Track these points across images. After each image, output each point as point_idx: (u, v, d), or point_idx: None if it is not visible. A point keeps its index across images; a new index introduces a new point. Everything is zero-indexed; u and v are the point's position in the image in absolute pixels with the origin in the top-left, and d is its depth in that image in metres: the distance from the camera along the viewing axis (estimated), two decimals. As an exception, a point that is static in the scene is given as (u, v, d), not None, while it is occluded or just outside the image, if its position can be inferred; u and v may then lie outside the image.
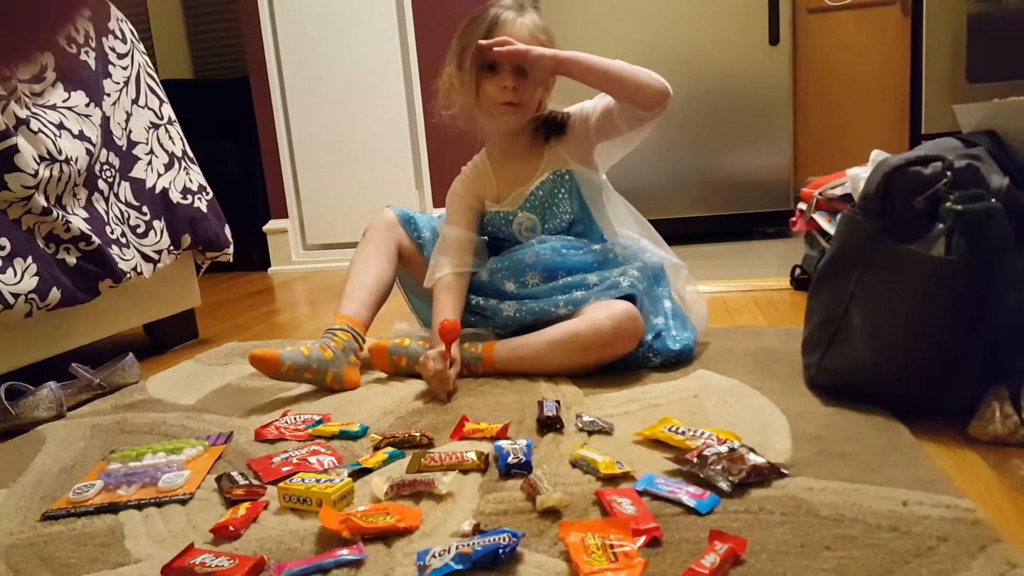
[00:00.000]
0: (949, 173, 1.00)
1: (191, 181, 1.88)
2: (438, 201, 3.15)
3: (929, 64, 2.77)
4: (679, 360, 1.38)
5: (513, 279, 1.46)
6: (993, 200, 0.97)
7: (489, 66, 1.39)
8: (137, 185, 1.73)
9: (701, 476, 0.89)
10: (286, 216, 3.37)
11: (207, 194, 1.92)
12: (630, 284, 1.36)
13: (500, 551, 0.75)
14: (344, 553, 0.79)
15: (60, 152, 1.45)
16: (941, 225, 1.00)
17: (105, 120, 1.63)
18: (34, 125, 1.41)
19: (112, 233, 1.61)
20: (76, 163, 1.50)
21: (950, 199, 0.98)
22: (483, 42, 1.34)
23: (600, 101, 1.45)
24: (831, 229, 1.77)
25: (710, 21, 2.81)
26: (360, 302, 1.48)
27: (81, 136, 1.53)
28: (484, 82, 1.40)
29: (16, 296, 1.37)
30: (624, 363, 1.35)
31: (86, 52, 1.62)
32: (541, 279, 1.44)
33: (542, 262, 1.43)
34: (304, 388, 1.42)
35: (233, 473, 1.01)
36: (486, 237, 1.57)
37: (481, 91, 1.41)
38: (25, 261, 1.40)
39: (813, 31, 2.96)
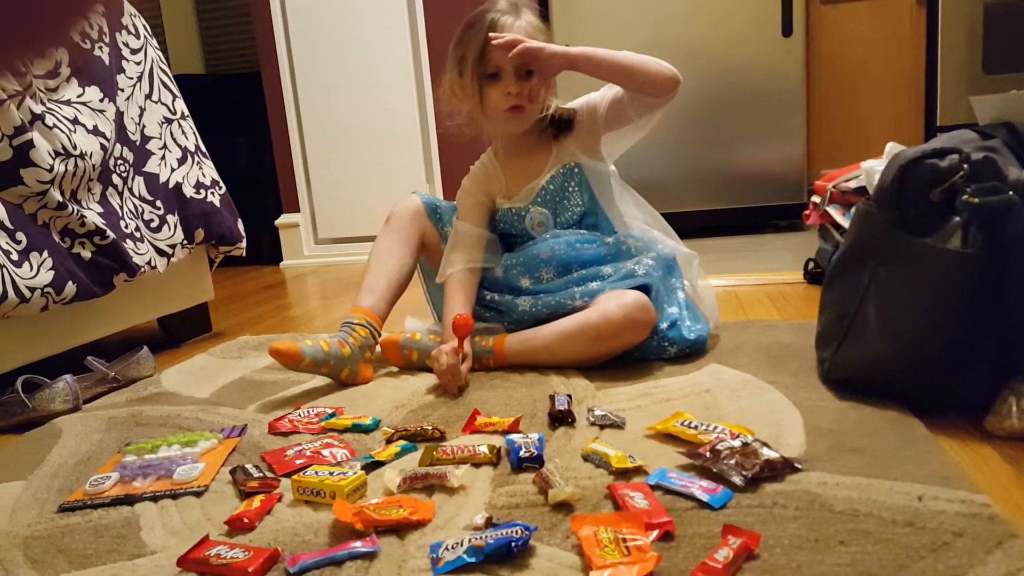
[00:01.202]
0: (966, 166, 0.99)
1: (204, 176, 1.89)
2: (448, 195, 3.14)
3: (944, 55, 2.75)
4: (693, 351, 1.38)
5: (528, 275, 1.46)
6: (1011, 193, 0.96)
7: (491, 74, 1.38)
8: (151, 180, 1.74)
9: (714, 470, 0.89)
10: (298, 210, 3.38)
11: (220, 188, 1.93)
12: (645, 273, 1.36)
13: (512, 544, 0.75)
14: (358, 545, 0.79)
15: (75, 147, 1.46)
16: (957, 218, 0.99)
17: (119, 115, 1.64)
18: (49, 120, 1.42)
19: (126, 227, 1.62)
20: (91, 158, 1.51)
21: (967, 192, 0.97)
22: (495, 41, 1.33)
23: (608, 91, 1.45)
24: (845, 222, 1.76)
25: (723, 13, 2.79)
26: (379, 295, 1.48)
27: (95, 131, 1.54)
28: (487, 90, 1.39)
29: (32, 290, 1.38)
30: (639, 353, 1.35)
31: (100, 47, 1.63)
32: (556, 274, 1.44)
33: (557, 257, 1.43)
34: (317, 382, 1.43)
35: (247, 466, 1.02)
36: (497, 235, 1.57)
37: (485, 99, 1.40)
38: (41, 255, 1.41)
39: (827, 23, 2.94)
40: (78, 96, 1.54)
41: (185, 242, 1.82)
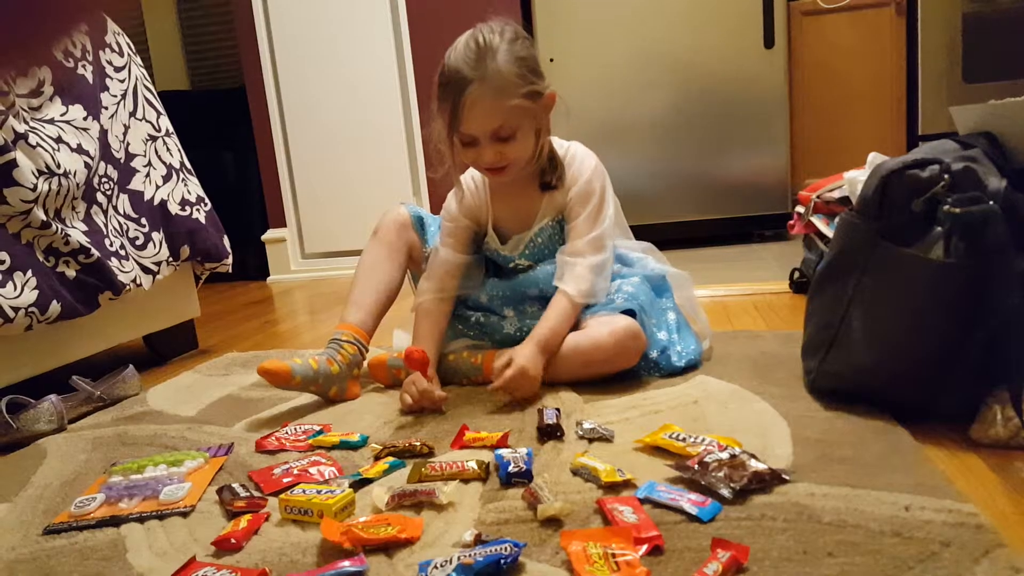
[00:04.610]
0: (947, 176, 1.01)
1: (189, 192, 1.88)
2: (435, 209, 3.14)
3: (925, 65, 2.78)
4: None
5: (512, 306, 1.45)
6: (991, 203, 0.97)
7: (468, 142, 1.31)
8: (135, 197, 1.74)
9: (702, 483, 0.89)
10: (284, 225, 3.37)
11: (205, 205, 1.92)
12: (624, 300, 1.34)
13: (502, 561, 0.75)
14: (346, 564, 0.78)
15: (59, 166, 1.45)
16: (939, 228, 1.00)
17: (103, 133, 1.63)
18: (32, 139, 1.41)
19: (111, 245, 1.61)
20: (75, 176, 1.50)
21: (948, 202, 0.98)
22: (492, 388, 1.26)
23: (577, 216, 1.39)
24: (829, 232, 1.77)
25: (705, 25, 2.81)
26: (366, 311, 1.46)
27: (79, 149, 1.53)
28: (465, 151, 1.33)
29: (16, 310, 1.37)
30: (628, 375, 1.34)
31: (83, 66, 1.62)
32: (540, 306, 1.40)
33: (543, 293, 1.41)
34: (304, 399, 1.42)
35: (234, 485, 1.01)
36: (482, 254, 1.53)
37: (464, 158, 1.34)
38: (25, 275, 1.40)
39: (808, 34, 2.97)
40: (61, 115, 1.53)
41: (170, 259, 1.81)
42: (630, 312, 1.32)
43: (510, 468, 0.96)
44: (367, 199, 3.21)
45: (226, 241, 1.97)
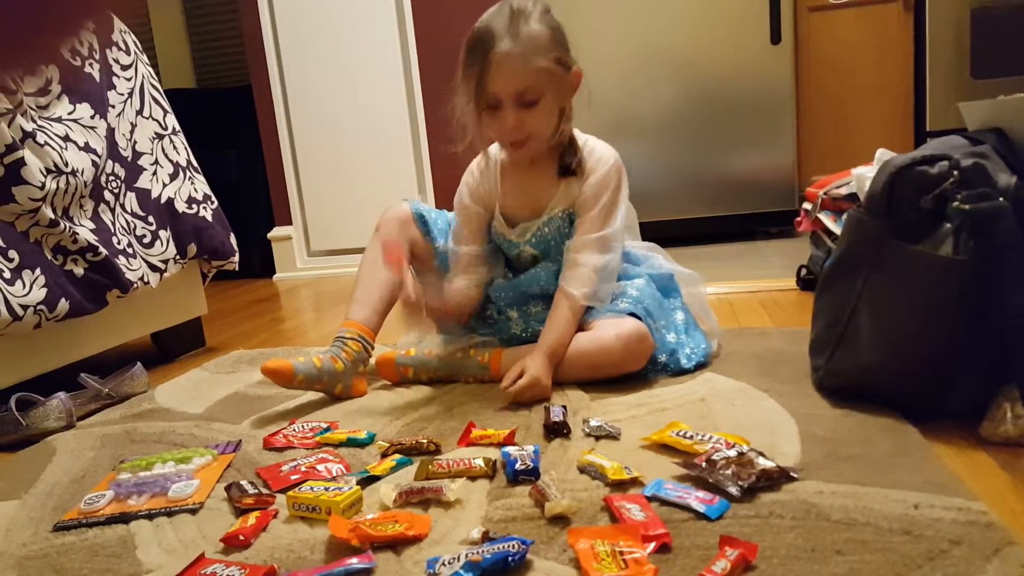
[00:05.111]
0: (956, 172, 1.00)
1: (196, 190, 1.89)
2: (440, 205, 3.15)
3: (932, 61, 2.76)
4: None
5: (516, 307, 1.45)
6: (1001, 199, 0.97)
7: (492, 104, 1.29)
8: (143, 195, 1.74)
9: (710, 481, 0.89)
10: (290, 223, 3.37)
11: (212, 203, 1.93)
12: (629, 304, 1.34)
13: (509, 559, 0.75)
14: (354, 561, 0.79)
15: (66, 164, 1.46)
16: (948, 225, 0.99)
17: (110, 131, 1.63)
18: (40, 138, 1.41)
19: (119, 243, 1.62)
20: (82, 175, 1.50)
21: (957, 198, 0.98)
22: (511, 392, 1.26)
23: (588, 209, 1.37)
24: (837, 229, 1.77)
25: (711, 21, 2.80)
26: (371, 308, 1.46)
27: (87, 148, 1.53)
28: (488, 120, 1.31)
29: (25, 308, 1.37)
30: (635, 375, 1.33)
31: (90, 64, 1.62)
32: (544, 306, 1.40)
33: (546, 293, 1.41)
34: (311, 396, 1.42)
35: (242, 482, 1.01)
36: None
37: (486, 128, 1.33)
38: (33, 273, 1.41)
39: (815, 29, 2.95)
40: (69, 113, 1.53)
41: (178, 257, 1.81)
42: (634, 316, 1.32)
43: (517, 465, 0.96)
44: (373, 197, 3.21)
45: (233, 239, 1.97)
